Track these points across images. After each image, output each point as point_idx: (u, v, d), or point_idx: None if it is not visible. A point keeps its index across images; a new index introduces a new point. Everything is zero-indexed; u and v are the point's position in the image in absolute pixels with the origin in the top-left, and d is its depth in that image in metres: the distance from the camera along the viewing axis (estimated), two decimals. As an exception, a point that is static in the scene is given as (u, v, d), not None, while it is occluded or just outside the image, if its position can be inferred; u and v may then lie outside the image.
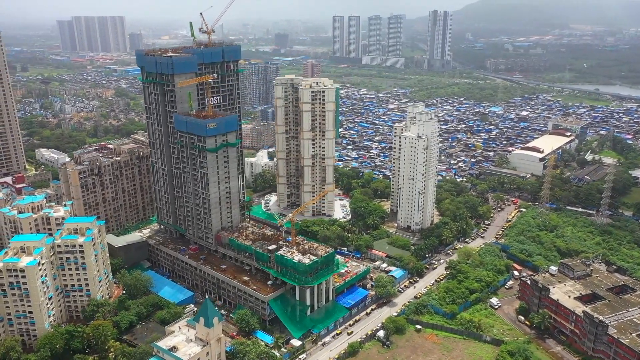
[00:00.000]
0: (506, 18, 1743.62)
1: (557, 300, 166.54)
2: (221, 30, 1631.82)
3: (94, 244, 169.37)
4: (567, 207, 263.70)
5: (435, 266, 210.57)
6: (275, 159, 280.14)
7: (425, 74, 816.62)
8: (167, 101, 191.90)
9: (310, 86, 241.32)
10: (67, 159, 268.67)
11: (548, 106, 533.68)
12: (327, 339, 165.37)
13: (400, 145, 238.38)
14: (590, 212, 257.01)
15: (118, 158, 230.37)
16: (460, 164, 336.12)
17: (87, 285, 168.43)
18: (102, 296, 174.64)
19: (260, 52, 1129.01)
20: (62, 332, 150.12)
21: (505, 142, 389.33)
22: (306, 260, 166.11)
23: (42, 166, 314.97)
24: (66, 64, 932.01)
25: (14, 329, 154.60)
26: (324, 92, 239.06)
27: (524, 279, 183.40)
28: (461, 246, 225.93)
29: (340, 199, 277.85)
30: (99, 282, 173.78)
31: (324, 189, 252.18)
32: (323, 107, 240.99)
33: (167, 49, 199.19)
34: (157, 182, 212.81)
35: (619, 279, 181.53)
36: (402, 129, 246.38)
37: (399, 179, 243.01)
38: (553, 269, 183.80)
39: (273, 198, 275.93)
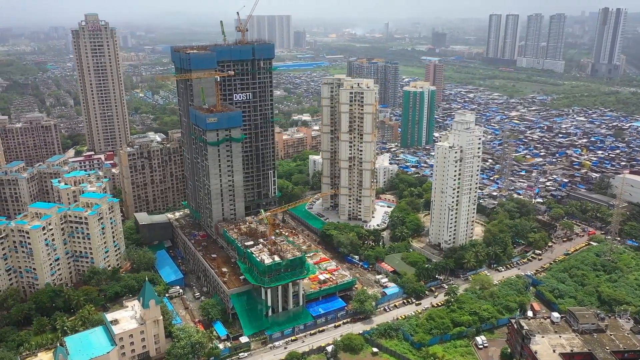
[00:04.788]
0: None
1: (535, 352, 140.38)
2: (386, 28, 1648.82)
3: (100, 218, 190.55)
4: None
5: (436, 292, 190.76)
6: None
7: (584, 80, 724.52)
8: (188, 94, 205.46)
9: (352, 87, 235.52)
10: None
11: None
12: (278, 342, 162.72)
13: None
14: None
15: (168, 145, 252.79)
16: (549, 183, 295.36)
17: (91, 253, 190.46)
18: (109, 266, 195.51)
19: (414, 51, 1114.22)
20: (48, 291, 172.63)
21: (625, 163, 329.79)
22: (268, 261, 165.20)
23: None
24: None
25: (23, 280, 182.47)
26: (362, 93, 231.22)
27: (512, 320, 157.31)
28: (488, 273, 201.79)
29: (389, 206, 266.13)
30: (106, 252, 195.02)
31: (360, 193, 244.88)
32: (362, 109, 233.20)
33: (193, 47, 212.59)
34: (186, 169, 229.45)
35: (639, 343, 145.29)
36: (446, 138, 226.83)
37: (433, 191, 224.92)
38: (556, 315, 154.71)
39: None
